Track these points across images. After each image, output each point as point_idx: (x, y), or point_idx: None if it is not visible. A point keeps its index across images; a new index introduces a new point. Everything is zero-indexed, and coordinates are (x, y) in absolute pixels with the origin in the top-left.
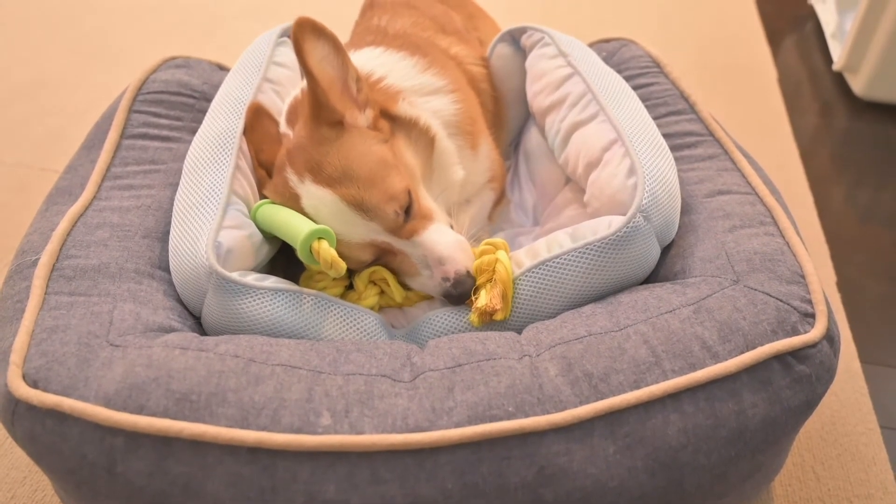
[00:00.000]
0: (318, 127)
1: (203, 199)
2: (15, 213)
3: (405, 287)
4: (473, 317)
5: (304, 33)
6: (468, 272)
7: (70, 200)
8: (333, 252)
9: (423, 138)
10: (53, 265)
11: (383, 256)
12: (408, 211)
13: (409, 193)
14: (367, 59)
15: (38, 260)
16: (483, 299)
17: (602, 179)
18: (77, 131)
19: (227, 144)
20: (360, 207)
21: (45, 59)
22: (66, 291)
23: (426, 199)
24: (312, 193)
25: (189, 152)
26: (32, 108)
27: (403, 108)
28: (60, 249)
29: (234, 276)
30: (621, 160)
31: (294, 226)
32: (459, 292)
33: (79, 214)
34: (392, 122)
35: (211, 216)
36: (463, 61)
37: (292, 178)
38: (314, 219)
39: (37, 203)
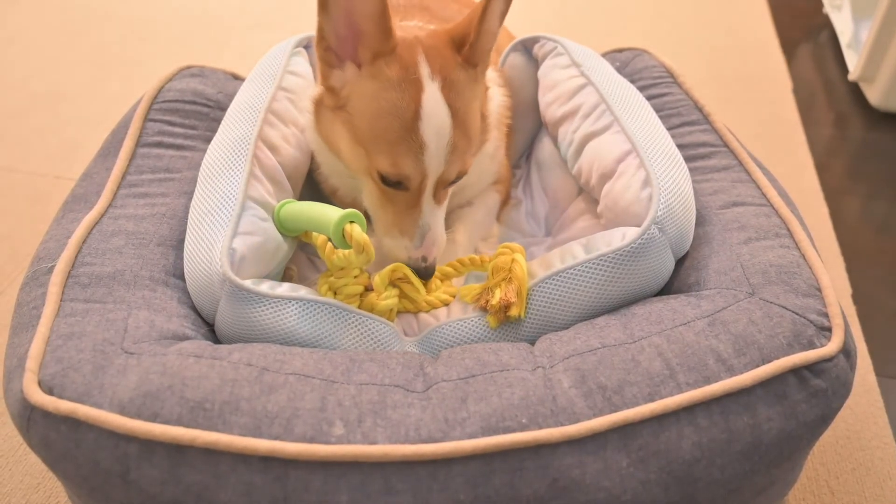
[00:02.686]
0: (458, 53)
1: (218, 206)
2: (31, 221)
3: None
4: (490, 318)
5: None
6: (435, 264)
7: (86, 208)
8: (365, 236)
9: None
10: (69, 272)
11: (396, 199)
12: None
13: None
14: None
15: (53, 267)
16: (497, 296)
17: (616, 191)
18: (93, 141)
19: (242, 150)
20: (452, 149)
21: (62, 69)
22: (81, 298)
23: None
24: (437, 99)
25: (204, 160)
26: (49, 118)
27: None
28: (76, 256)
29: (248, 284)
30: (636, 171)
31: (324, 214)
32: (423, 273)
33: (94, 222)
34: None
35: (225, 222)
36: None
37: (425, 68)
38: (419, 117)
39: (53, 212)
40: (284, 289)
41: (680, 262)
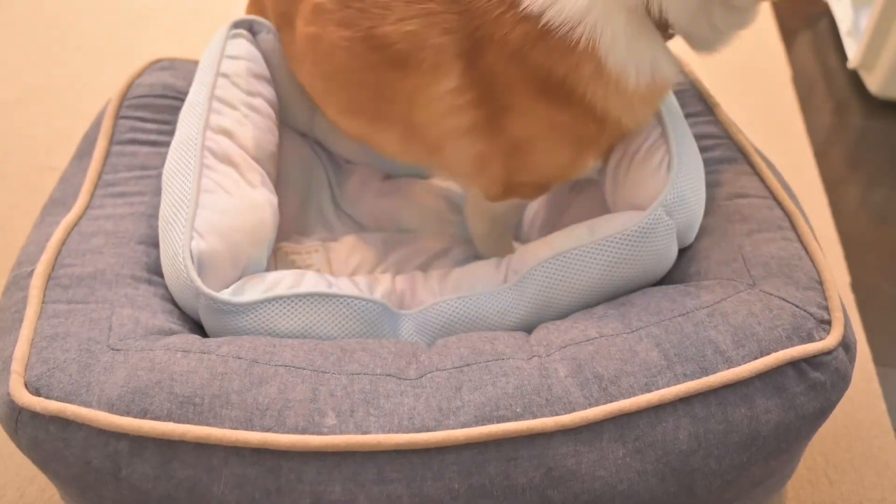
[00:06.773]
0: None
1: (175, 213)
2: (26, 212)
3: None
4: None
5: None
6: None
7: (64, 211)
8: None
9: None
10: (49, 274)
11: None
12: None
13: None
14: None
15: (33, 270)
16: None
17: (633, 168)
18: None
19: (190, 148)
20: None
21: (55, 60)
22: (63, 300)
23: None
24: None
25: (164, 166)
26: (43, 109)
27: None
28: (55, 259)
29: (224, 296)
30: (656, 151)
31: None
32: None
33: (73, 224)
34: None
35: (182, 228)
36: None
37: None
38: None
39: None
40: (264, 287)
41: (681, 253)
